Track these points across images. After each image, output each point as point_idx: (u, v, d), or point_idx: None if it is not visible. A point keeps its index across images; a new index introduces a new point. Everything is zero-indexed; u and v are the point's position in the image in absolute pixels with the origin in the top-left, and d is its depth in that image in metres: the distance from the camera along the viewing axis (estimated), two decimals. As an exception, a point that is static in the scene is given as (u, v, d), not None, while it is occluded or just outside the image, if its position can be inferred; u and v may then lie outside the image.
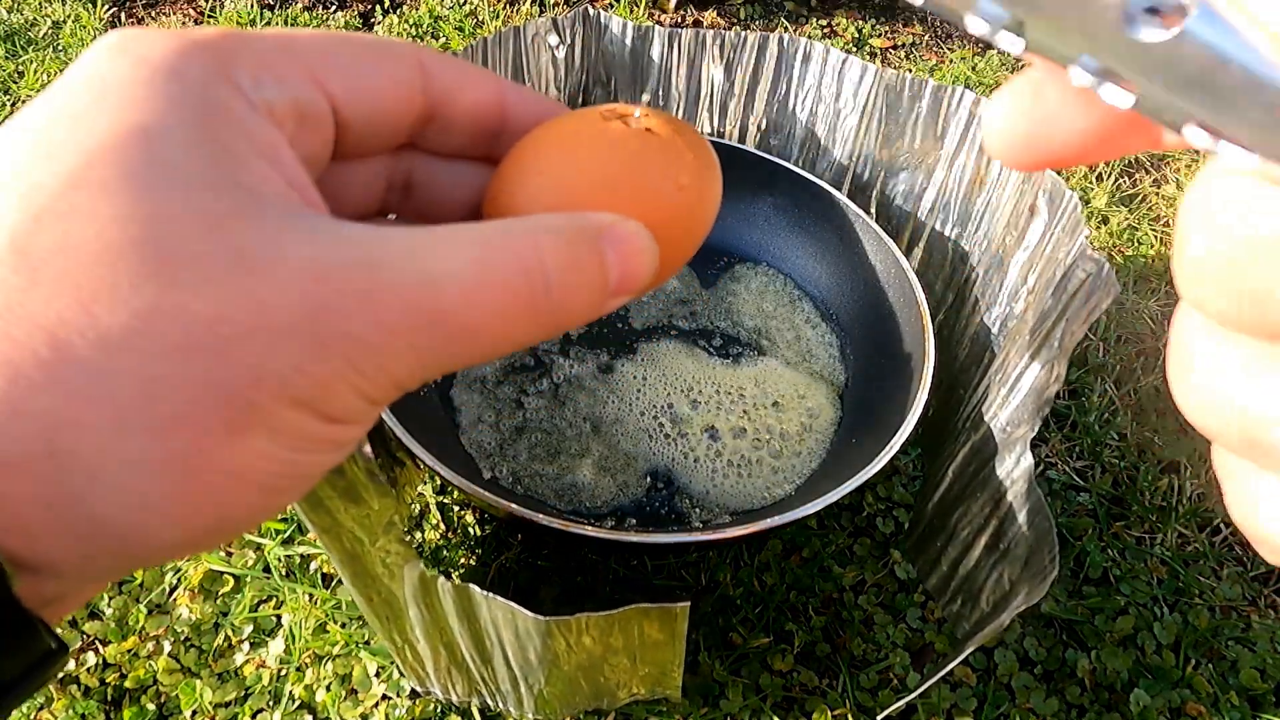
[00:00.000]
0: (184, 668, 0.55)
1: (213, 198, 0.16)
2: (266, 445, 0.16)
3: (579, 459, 0.57)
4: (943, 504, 0.55)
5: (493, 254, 0.18)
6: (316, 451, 0.18)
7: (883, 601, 0.59)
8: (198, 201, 0.16)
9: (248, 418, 0.16)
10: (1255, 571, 0.63)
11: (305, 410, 0.17)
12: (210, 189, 0.16)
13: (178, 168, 0.16)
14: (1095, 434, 0.69)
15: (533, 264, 0.18)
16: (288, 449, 0.17)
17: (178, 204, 0.16)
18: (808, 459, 0.59)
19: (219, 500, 0.17)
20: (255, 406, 0.16)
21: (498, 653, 0.43)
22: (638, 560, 0.60)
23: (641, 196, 0.22)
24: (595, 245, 0.19)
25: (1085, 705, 0.55)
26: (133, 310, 0.15)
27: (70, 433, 0.15)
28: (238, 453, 0.16)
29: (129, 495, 0.16)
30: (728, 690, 0.54)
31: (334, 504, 0.33)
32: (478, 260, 0.18)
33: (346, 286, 0.16)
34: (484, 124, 0.23)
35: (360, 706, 0.53)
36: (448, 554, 0.59)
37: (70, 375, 0.15)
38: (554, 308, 0.19)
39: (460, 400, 0.60)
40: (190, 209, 0.16)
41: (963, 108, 0.60)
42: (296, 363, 0.16)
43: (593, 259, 0.19)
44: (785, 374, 0.63)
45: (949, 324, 0.64)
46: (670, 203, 0.22)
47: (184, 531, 0.17)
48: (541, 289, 0.18)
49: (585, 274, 0.19)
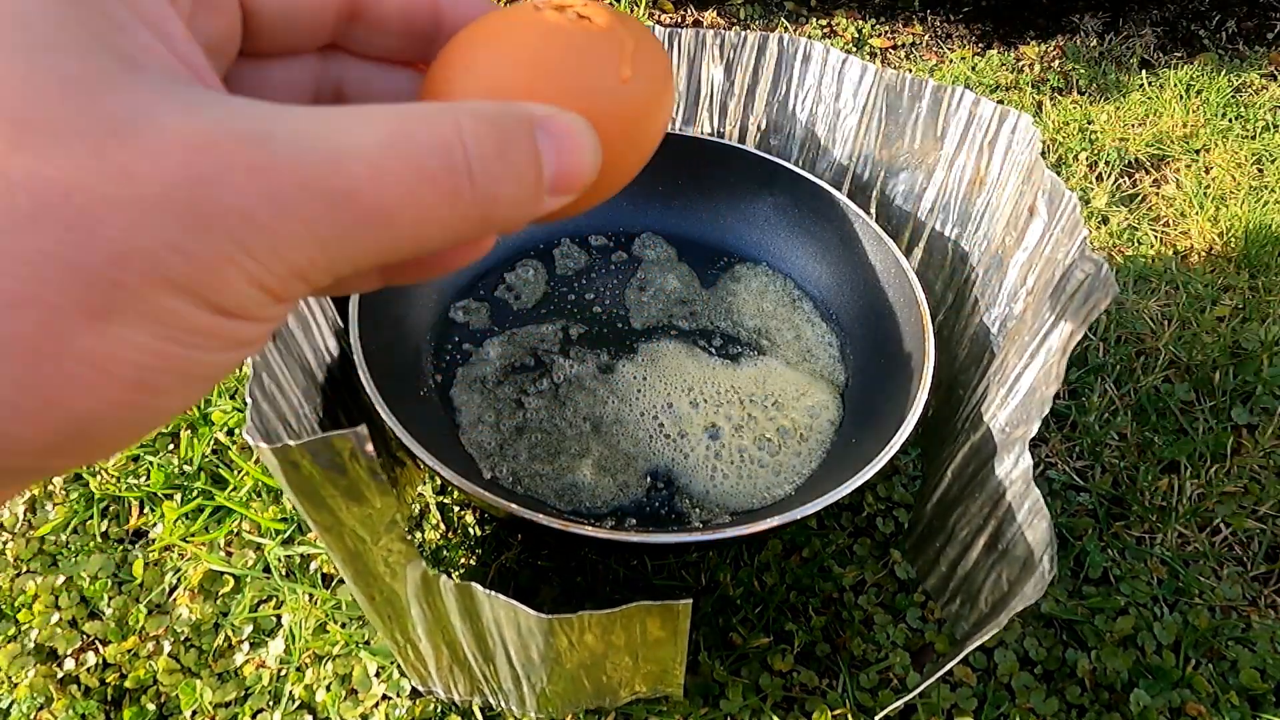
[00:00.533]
0: (184, 668, 0.55)
1: (79, 61, 0.14)
2: (137, 334, 0.15)
3: (579, 459, 0.57)
4: (942, 504, 0.55)
5: (408, 128, 0.16)
6: (207, 349, 0.16)
7: (883, 601, 0.59)
8: (62, 65, 0.14)
9: (111, 300, 0.14)
10: (1255, 571, 0.63)
11: (187, 297, 0.15)
12: (79, 53, 0.15)
13: (40, 31, 0.14)
14: (1095, 434, 0.69)
15: (452, 142, 0.16)
16: (167, 340, 0.15)
17: (39, 67, 0.14)
18: (808, 459, 0.59)
19: (78, 394, 0.15)
20: (120, 287, 0.14)
21: (500, 651, 0.43)
22: (638, 560, 0.60)
23: (580, 89, 0.20)
24: (526, 132, 0.18)
25: (1085, 705, 0.55)
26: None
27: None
28: (100, 340, 0.14)
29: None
30: (728, 690, 0.54)
31: (336, 503, 0.33)
32: (390, 134, 0.16)
33: (234, 159, 0.15)
34: (416, 23, 0.22)
35: (360, 706, 0.53)
36: (448, 554, 0.59)
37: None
38: (479, 197, 0.17)
39: (460, 400, 0.60)
40: (52, 72, 0.14)
41: (963, 108, 0.60)
42: (171, 240, 0.14)
43: (523, 146, 0.18)
44: (785, 374, 0.63)
45: (949, 324, 0.64)
46: (613, 97, 0.20)
47: (36, 429, 0.15)
48: (463, 170, 0.17)
49: (514, 163, 0.17)
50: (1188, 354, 0.76)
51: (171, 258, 0.14)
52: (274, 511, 0.61)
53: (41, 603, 0.57)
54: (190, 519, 0.61)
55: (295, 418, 0.45)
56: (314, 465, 0.31)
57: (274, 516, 0.61)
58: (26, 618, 0.57)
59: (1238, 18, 1.26)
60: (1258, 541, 0.64)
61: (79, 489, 0.63)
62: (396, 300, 0.61)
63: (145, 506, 0.62)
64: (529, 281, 0.68)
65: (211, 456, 0.64)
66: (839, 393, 0.63)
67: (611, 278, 0.69)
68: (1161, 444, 0.69)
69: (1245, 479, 0.68)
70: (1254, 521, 0.65)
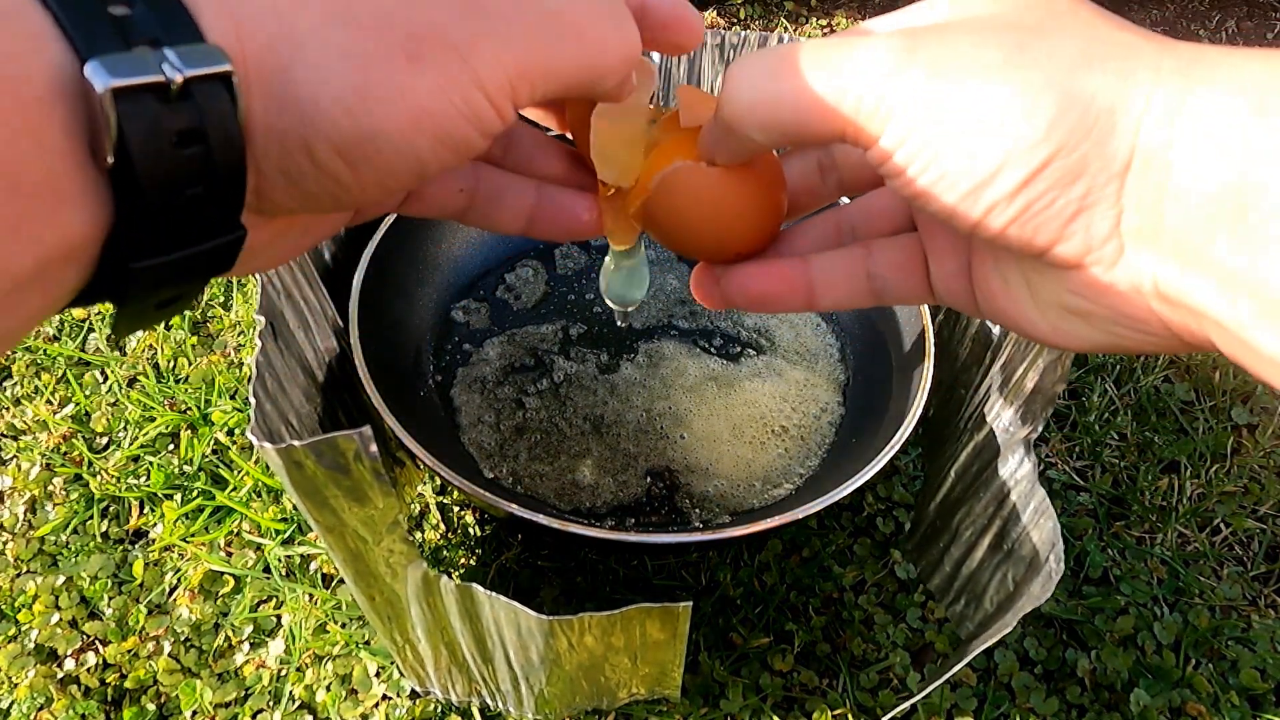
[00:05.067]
0: (184, 668, 0.55)
1: None
2: (430, 80, 0.21)
3: (579, 459, 0.57)
4: (945, 504, 0.55)
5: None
6: (463, 119, 0.22)
7: (883, 601, 0.59)
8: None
9: (422, 51, 0.21)
10: (1255, 571, 0.63)
11: (458, 63, 0.21)
12: None
13: None
14: (1095, 434, 0.69)
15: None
16: (447, 99, 0.21)
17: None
18: (808, 459, 0.59)
19: (390, 111, 0.21)
20: (426, 44, 0.21)
21: (499, 652, 0.43)
22: (638, 560, 0.60)
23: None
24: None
25: (1085, 705, 0.55)
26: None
27: (290, 13, 0.20)
28: (412, 78, 0.21)
29: (321, 72, 0.20)
30: (728, 690, 0.54)
31: (339, 503, 0.33)
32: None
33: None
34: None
35: (360, 707, 0.53)
36: (448, 554, 0.59)
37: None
38: (626, 34, 0.26)
39: (460, 400, 0.60)
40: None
41: (963, 108, 0.60)
42: (454, 19, 0.21)
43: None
44: (785, 374, 0.63)
45: (949, 324, 0.64)
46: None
47: (353, 125, 0.20)
48: (622, 12, 0.26)
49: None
50: (1188, 353, 0.76)
51: (454, 31, 0.21)
52: (274, 511, 0.61)
53: (41, 603, 0.57)
54: (190, 519, 0.61)
55: (296, 418, 0.45)
56: (318, 465, 0.31)
57: (274, 516, 0.60)
58: (26, 618, 0.57)
59: (1238, 18, 1.26)
60: (1258, 541, 0.64)
61: (79, 489, 0.63)
62: (396, 300, 0.60)
63: (145, 506, 0.62)
64: (529, 281, 0.68)
65: (212, 456, 0.64)
66: (839, 393, 0.63)
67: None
68: (1161, 444, 0.69)
69: (1245, 479, 0.68)
70: (1254, 521, 0.65)
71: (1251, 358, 0.20)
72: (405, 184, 0.23)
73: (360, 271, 0.55)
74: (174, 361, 0.70)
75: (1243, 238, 0.18)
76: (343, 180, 0.21)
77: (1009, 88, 0.20)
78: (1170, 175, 0.20)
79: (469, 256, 0.67)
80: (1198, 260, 0.19)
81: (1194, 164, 0.19)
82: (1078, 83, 0.20)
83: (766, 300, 0.30)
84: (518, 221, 0.30)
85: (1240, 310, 0.19)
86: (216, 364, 0.69)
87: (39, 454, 0.64)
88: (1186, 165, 0.19)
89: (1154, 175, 0.20)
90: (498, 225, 0.30)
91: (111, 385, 0.69)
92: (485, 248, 0.68)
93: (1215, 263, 0.19)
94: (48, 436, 0.65)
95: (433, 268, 0.65)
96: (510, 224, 0.30)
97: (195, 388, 0.68)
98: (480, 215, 0.30)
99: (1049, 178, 0.21)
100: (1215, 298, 0.19)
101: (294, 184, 0.21)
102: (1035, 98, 0.20)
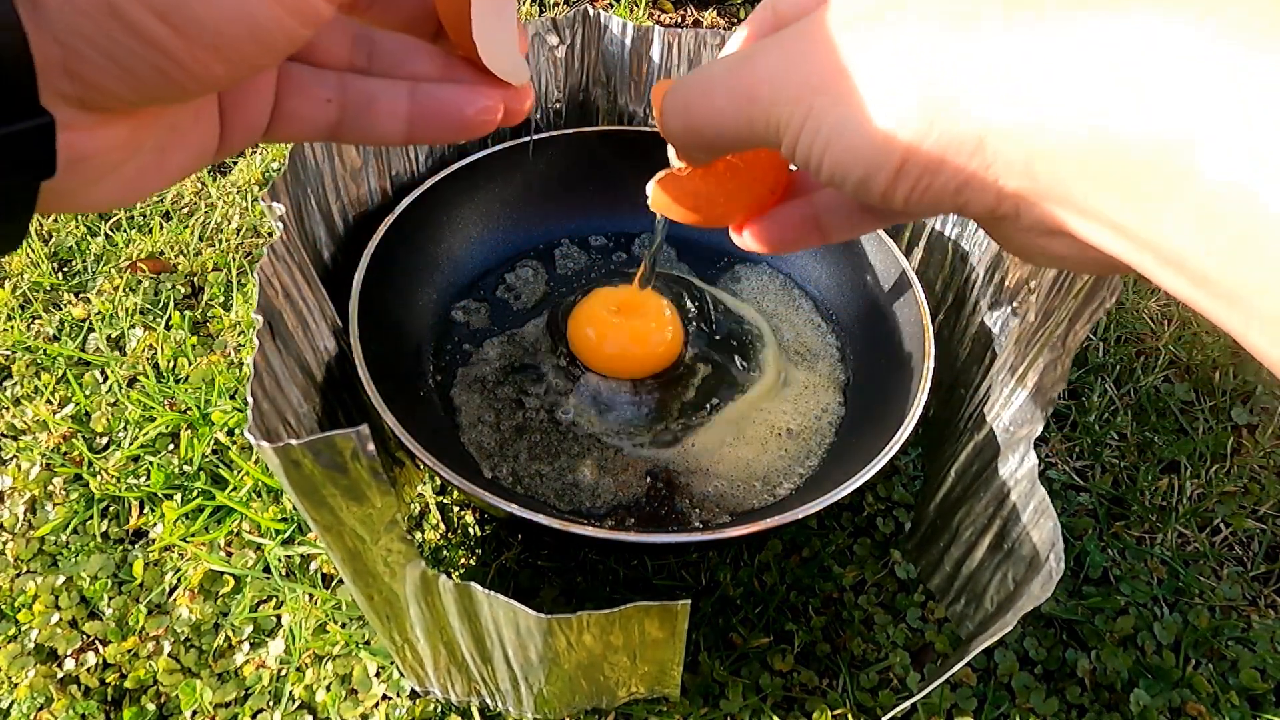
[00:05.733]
0: (184, 668, 0.55)
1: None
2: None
3: (579, 459, 0.57)
4: (945, 504, 0.55)
5: None
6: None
7: (883, 601, 0.59)
8: None
9: None
10: (1255, 571, 0.63)
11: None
12: None
13: None
14: (1095, 434, 0.69)
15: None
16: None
17: None
18: (808, 459, 0.59)
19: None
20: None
21: (498, 651, 0.43)
22: (638, 560, 0.59)
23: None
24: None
25: (1085, 705, 0.55)
26: None
27: None
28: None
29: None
30: (728, 690, 0.54)
31: (337, 503, 0.33)
32: None
33: None
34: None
35: (360, 706, 0.53)
36: (448, 554, 0.59)
37: None
38: None
39: (460, 400, 0.60)
40: None
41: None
42: None
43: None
44: (785, 374, 0.63)
45: (949, 324, 0.64)
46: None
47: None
48: None
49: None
50: (1188, 354, 0.76)
51: None
52: (274, 511, 0.61)
53: (41, 603, 0.57)
54: (190, 519, 0.61)
55: (295, 417, 0.45)
56: (315, 464, 0.31)
57: (274, 516, 0.60)
58: (26, 618, 0.57)
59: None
60: (1258, 541, 0.64)
61: (79, 489, 0.63)
62: (396, 300, 0.60)
63: (145, 506, 0.62)
64: (529, 281, 0.68)
65: (211, 456, 0.64)
66: (839, 393, 0.63)
67: (611, 278, 0.69)
68: (1161, 444, 0.69)
69: (1245, 479, 0.68)
70: (1254, 521, 0.65)
71: (1171, 291, 0.20)
72: (249, 57, 0.21)
73: (360, 271, 0.55)
74: (174, 361, 0.70)
75: (1121, 194, 0.18)
76: (169, 49, 0.19)
77: (871, 91, 0.21)
78: (1036, 138, 0.19)
79: (469, 256, 0.67)
80: (1089, 214, 0.20)
81: (1054, 120, 0.19)
82: (934, 87, 0.20)
83: (784, 245, 0.34)
84: (396, 127, 0.28)
85: (1145, 259, 0.19)
86: (216, 364, 0.70)
87: (39, 454, 0.64)
88: (1041, 125, 0.19)
89: (1020, 141, 0.20)
90: (376, 134, 0.28)
91: (111, 385, 0.69)
92: (485, 248, 0.68)
93: (1102, 214, 0.19)
94: (48, 436, 0.65)
95: (433, 268, 0.65)
96: (389, 132, 0.28)
97: (195, 388, 0.68)
98: (354, 128, 0.28)
99: (913, 172, 0.21)
100: (1117, 248, 0.19)
101: (113, 60, 0.19)
102: (892, 102, 0.21)
